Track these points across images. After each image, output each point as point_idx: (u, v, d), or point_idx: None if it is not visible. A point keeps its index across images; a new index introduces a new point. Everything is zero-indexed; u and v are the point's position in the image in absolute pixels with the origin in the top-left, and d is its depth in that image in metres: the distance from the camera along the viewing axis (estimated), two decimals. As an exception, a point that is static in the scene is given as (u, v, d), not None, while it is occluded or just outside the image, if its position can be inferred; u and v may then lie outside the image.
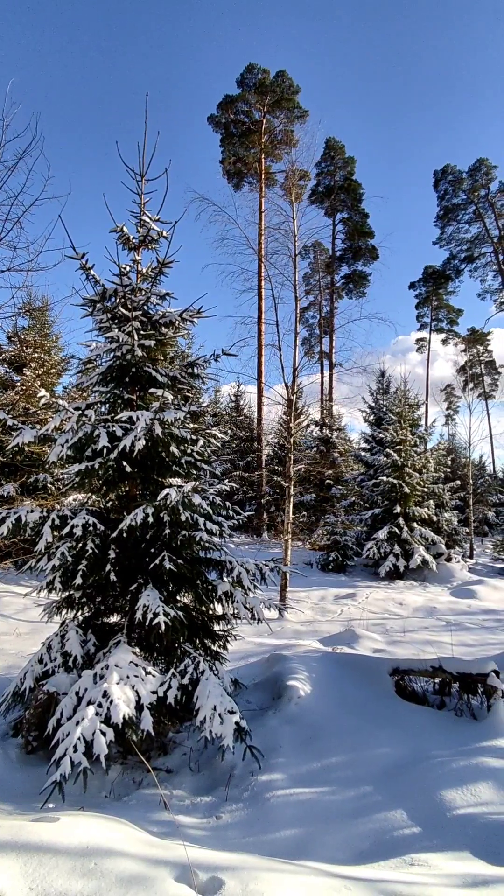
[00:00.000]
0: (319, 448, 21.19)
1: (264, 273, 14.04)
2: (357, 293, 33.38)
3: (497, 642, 8.86)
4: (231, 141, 26.02)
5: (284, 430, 13.80)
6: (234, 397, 26.43)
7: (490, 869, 2.72)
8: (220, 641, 5.03)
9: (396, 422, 17.31)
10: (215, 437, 5.09)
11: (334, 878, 2.33)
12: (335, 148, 31.63)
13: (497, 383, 42.61)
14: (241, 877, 2.20)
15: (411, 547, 15.34)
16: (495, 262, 34.37)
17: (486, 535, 26.23)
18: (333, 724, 4.52)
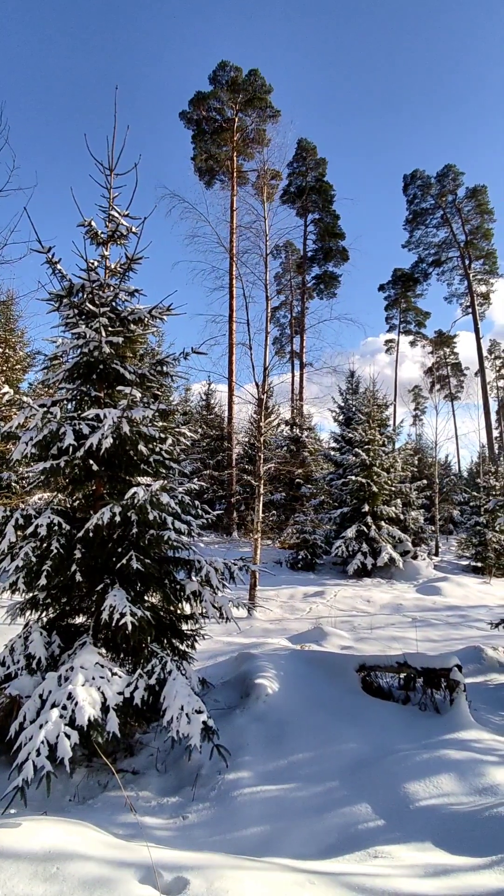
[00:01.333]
0: (290, 447, 21.31)
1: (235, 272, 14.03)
2: (328, 294, 33.70)
3: (461, 638, 9.10)
4: (203, 138, 25.87)
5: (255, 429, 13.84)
6: (205, 396, 26.33)
7: (451, 858, 2.79)
8: (189, 641, 5.01)
9: (365, 422, 17.55)
10: (185, 435, 5.06)
11: (299, 873, 2.35)
12: (307, 149, 31.83)
13: (462, 385, 43.71)
14: (206, 875, 2.20)
15: (379, 545, 15.59)
16: (461, 266, 35.22)
17: (451, 533, 26.86)
18: (301, 721, 4.56)
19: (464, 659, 6.64)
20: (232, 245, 15.39)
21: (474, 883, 2.38)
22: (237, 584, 5.26)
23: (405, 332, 41.30)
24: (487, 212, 33.84)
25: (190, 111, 25.98)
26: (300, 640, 8.08)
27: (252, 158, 25.70)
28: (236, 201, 20.23)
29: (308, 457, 20.88)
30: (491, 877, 2.50)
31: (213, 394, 26.37)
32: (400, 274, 39.34)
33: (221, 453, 22.18)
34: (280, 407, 22.81)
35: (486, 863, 2.64)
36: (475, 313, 34.11)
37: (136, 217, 5.37)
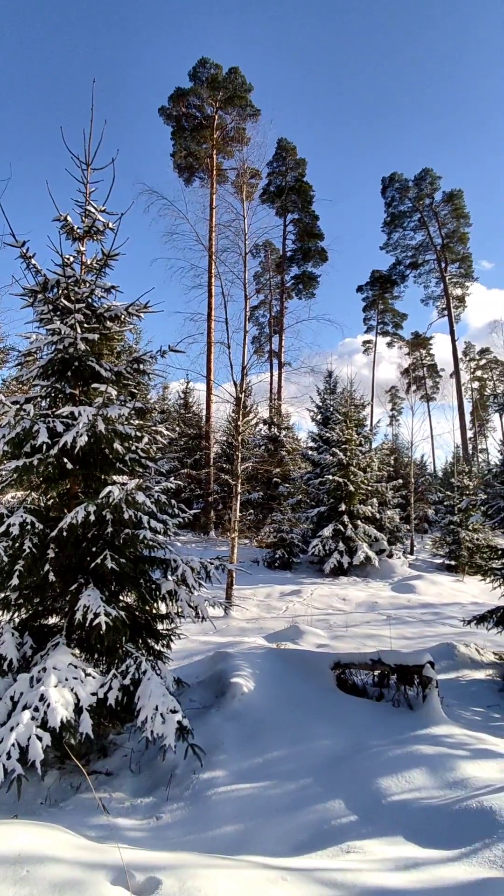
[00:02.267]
0: (268, 446, 21.35)
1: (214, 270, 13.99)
2: (306, 294, 33.86)
3: (434, 635, 9.24)
4: (182, 135, 25.71)
5: (233, 427, 13.84)
6: (183, 394, 26.19)
7: (421, 851, 2.84)
8: (164, 641, 4.99)
9: (342, 422, 17.69)
10: (161, 433, 5.03)
11: (271, 870, 2.36)
12: (287, 149, 31.91)
13: (438, 386, 44.37)
14: (179, 875, 2.19)
15: (355, 544, 15.73)
16: (438, 269, 35.76)
17: (425, 532, 27.26)
18: (276, 719, 4.58)
19: (437, 656, 6.76)
20: (211, 243, 15.35)
21: (444, 875, 2.43)
22: (214, 583, 5.26)
23: (382, 334, 41.77)
24: (463, 216, 34.43)
25: (169, 107, 25.79)
26: (276, 639, 8.11)
27: (232, 157, 25.67)
28: (215, 199, 20.18)
29: (286, 456, 20.96)
30: (460, 869, 2.55)
31: (191, 392, 26.25)
32: (378, 276, 39.75)
33: (199, 452, 22.11)
34: (258, 406, 22.88)
35: (456, 855, 2.69)
36: (451, 316, 34.68)
37: (113, 213, 5.31)
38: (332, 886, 2.21)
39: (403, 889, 2.22)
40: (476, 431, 47.60)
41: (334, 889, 2.19)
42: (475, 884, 2.34)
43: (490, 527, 15.67)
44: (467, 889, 2.25)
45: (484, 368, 45.05)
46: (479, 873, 2.46)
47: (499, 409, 16.95)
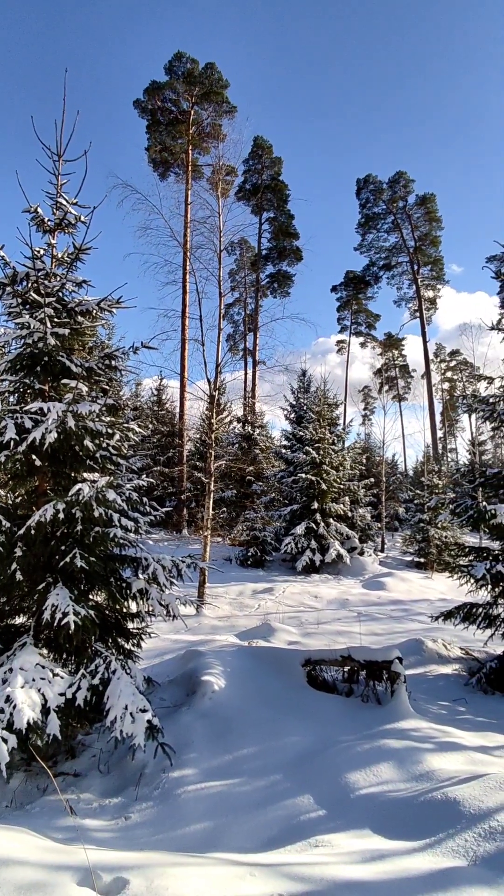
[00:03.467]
0: (241, 445, 21.36)
1: (189, 267, 13.90)
2: (281, 293, 33.97)
3: (403, 631, 9.42)
4: (158, 129, 25.44)
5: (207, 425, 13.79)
6: (157, 391, 25.98)
7: (387, 843, 2.89)
8: (135, 639, 4.95)
9: (316, 420, 17.82)
10: (133, 431, 4.98)
11: (240, 867, 2.37)
12: (263, 147, 31.91)
13: (410, 386, 45.13)
14: (146, 874, 2.18)
15: (327, 542, 15.88)
16: (410, 271, 36.34)
17: (396, 530, 27.70)
18: (246, 716, 4.59)
19: (405, 651, 6.88)
20: (186, 239, 15.26)
21: (408, 866, 2.48)
22: (186, 582, 5.23)
23: (356, 334, 42.25)
24: (436, 220, 35.05)
25: (144, 100, 25.48)
26: (248, 637, 8.13)
27: (207, 153, 25.52)
28: (191, 195, 20.03)
29: (259, 454, 21.00)
30: (424, 859, 2.60)
31: (164, 389, 26.04)
32: (352, 276, 40.16)
33: (172, 450, 21.97)
34: (232, 404, 22.84)
35: (420, 846, 2.75)
36: (422, 318, 35.29)
37: (85, 206, 5.22)
38: (299, 880, 2.23)
39: (369, 881, 2.26)
40: (446, 431, 48.56)
41: (301, 883, 2.21)
42: (439, 873, 2.39)
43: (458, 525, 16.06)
44: (431, 878, 2.30)
45: (454, 370, 45.96)
46: (443, 863, 2.52)
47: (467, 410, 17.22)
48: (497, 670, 6.19)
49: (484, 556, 6.41)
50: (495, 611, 6.46)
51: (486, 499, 6.87)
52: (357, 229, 37.53)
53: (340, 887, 2.16)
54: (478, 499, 6.68)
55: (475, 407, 7.09)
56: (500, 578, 5.75)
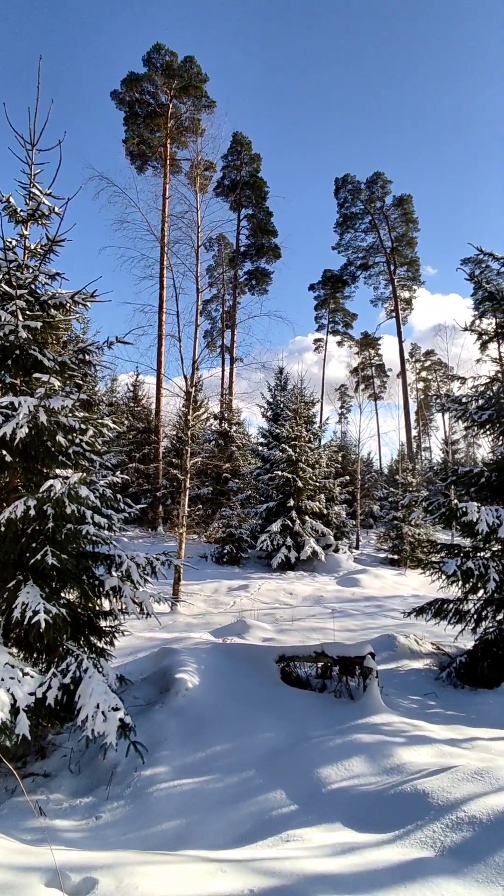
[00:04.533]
0: (218, 442, 21.33)
1: (166, 262, 13.78)
2: (259, 290, 33.98)
3: (376, 627, 9.54)
4: (135, 121, 25.13)
5: (183, 422, 13.72)
6: (132, 387, 25.72)
7: (357, 836, 2.92)
8: (107, 638, 4.90)
9: (292, 418, 17.89)
10: (107, 426, 4.92)
11: (211, 863, 2.37)
12: (242, 143, 31.83)
13: (385, 386, 45.70)
14: (116, 873, 2.17)
15: (303, 539, 15.98)
16: (387, 271, 36.76)
17: (371, 528, 28.04)
18: (220, 713, 4.59)
19: (378, 647, 6.97)
20: (163, 234, 15.11)
21: (377, 858, 2.51)
22: (160, 579, 5.20)
23: (333, 333, 42.55)
24: (412, 221, 35.50)
25: (122, 92, 25.14)
26: (223, 634, 8.14)
27: (186, 147, 25.32)
28: (168, 189, 19.86)
29: (236, 451, 21.00)
30: (393, 851, 2.64)
31: (140, 385, 25.78)
32: (330, 275, 40.41)
33: (148, 446, 21.78)
34: (209, 401, 22.77)
35: (390, 838, 2.79)
36: (398, 318, 35.74)
37: (59, 197, 5.13)
38: (270, 875, 2.24)
39: (338, 873, 2.28)
40: (420, 430, 49.36)
41: (272, 877, 2.22)
42: (407, 864, 2.43)
43: (431, 522, 16.31)
44: (399, 870, 2.34)
45: (429, 370, 46.71)
46: (411, 854, 2.57)
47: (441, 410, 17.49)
48: (467, 665, 6.32)
49: (455, 552, 6.52)
50: (465, 606, 6.59)
51: (457, 497, 6.99)
52: (335, 228, 37.82)
53: (310, 881, 2.17)
54: (450, 497, 6.79)
55: (448, 406, 7.21)
56: (470, 575, 5.86)
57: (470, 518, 5.80)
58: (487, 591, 5.95)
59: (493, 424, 6.50)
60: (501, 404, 6.37)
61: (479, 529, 5.80)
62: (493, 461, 7.54)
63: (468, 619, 6.58)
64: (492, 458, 8.71)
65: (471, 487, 7.00)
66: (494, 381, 7.18)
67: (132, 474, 19.96)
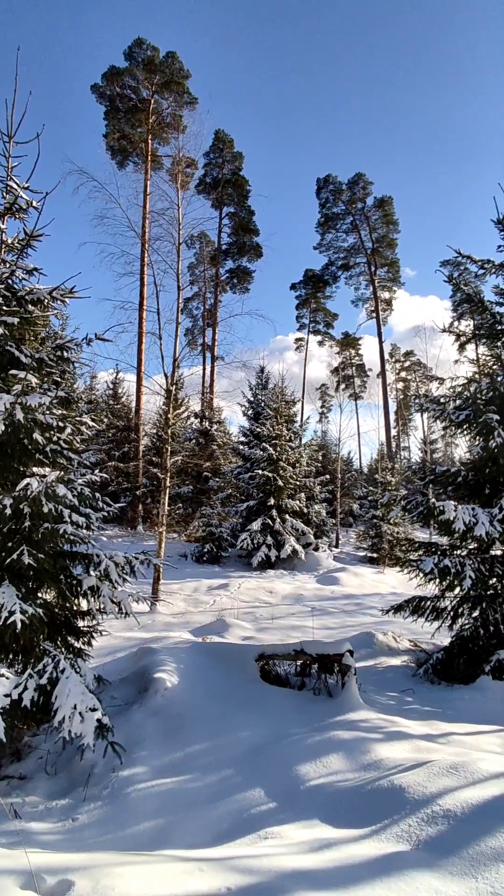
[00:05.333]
0: (199, 440, 21.26)
1: (147, 259, 13.67)
2: (241, 288, 33.99)
3: (355, 624, 9.62)
4: (116, 116, 24.88)
5: (163, 420, 13.64)
6: (112, 385, 25.49)
7: (335, 832, 2.95)
8: (85, 638, 4.85)
9: (273, 417, 17.93)
10: (86, 424, 4.86)
11: (188, 862, 2.37)
12: (224, 141, 31.75)
13: (365, 385, 46.13)
14: (92, 874, 2.15)
15: (283, 537, 16.03)
16: (368, 272, 37.05)
17: (350, 526, 28.28)
18: (199, 712, 4.58)
19: (356, 644, 7.04)
20: (144, 230, 14.97)
21: (354, 853, 2.54)
22: (139, 579, 5.17)
23: (314, 332, 42.78)
24: (392, 222, 35.83)
25: (103, 86, 24.86)
26: (202, 633, 8.12)
27: (167, 143, 25.15)
28: (150, 186, 19.75)
29: (217, 450, 20.96)
30: (370, 846, 2.67)
31: (120, 383, 25.59)
32: (311, 275, 40.58)
33: (128, 444, 21.61)
34: (190, 399, 22.68)
35: (366, 833, 2.82)
36: (378, 318, 36.06)
37: (37, 191, 5.04)
38: (247, 873, 2.25)
39: (315, 869, 2.30)
40: (400, 430, 49.86)
41: (250, 875, 2.22)
42: (383, 858, 2.46)
43: (409, 521, 16.50)
44: (375, 864, 2.37)
45: (408, 370, 47.18)
46: (387, 848, 2.60)
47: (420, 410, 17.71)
48: (443, 661, 6.41)
49: (432, 551, 6.61)
50: (442, 604, 6.69)
51: (435, 496, 7.08)
52: (317, 228, 37.97)
53: (287, 877, 2.19)
54: (428, 496, 6.88)
55: (427, 407, 7.30)
56: (446, 573, 5.94)
57: (447, 517, 5.88)
58: (463, 589, 6.04)
59: (470, 425, 6.60)
60: (478, 405, 6.47)
61: (456, 528, 5.89)
62: (469, 461, 7.66)
63: (445, 616, 6.68)
64: (469, 457, 8.85)
65: (448, 486, 7.11)
66: (472, 381, 7.30)
67: (112, 473, 19.80)
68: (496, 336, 7.04)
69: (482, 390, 6.80)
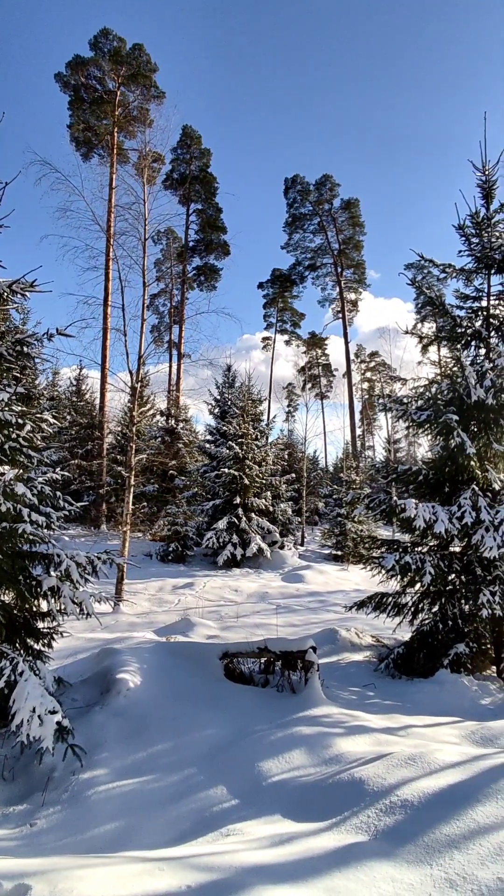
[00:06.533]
0: (164, 438, 21.06)
1: (112, 253, 13.43)
2: (208, 286, 33.82)
3: (319, 621, 9.73)
4: (81, 106, 24.36)
5: (128, 418, 13.46)
6: (76, 381, 24.99)
7: (296, 826, 2.98)
8: (45, 639, 4.75)
9: (240, 416, 17.94)
10: (47, 421, 4.77)
11: (149, 863, 2.35)
12: (192, 137, 31.50)
13: (331, 385, 46.63)
14: (50, 878, 2.11)
15: (249, 536, 16.06)
16: (334, 273, 37.47)
17: (316, 524, 28.58)
18: (162, 712, 4.55)
19: (320, 641, 7.12)
20: (109, 225, 14.72)
21: (314, 846, 2.57)
22: (102, 579, 5.09)
23: (281, 332, 42.99)
24: (359, 224, 36.33)
25: (67, 75, 24.29)
26: (167, 633, 8.07)
27: (134, 137, 24.78)
28: (115, 179, 19.41)
29: (183, 448, 20.81)
30: (330, 838, 2.72)
31: (84, 380, 25.12)
32: (278, 274, 40.75)
33: (92, 442, 21.23)
34: (156, 397, 22.44)
35: (327, 825, 2.86)
36: (345, 319, 36.53)
37: (-4, 181, 4.90)
38: (207, 870, 2.25)
39: (274, 863, 2.32)
40: (365, 429, 50.69)
41: (210, 872, 2.23)
42: (342, 849, 2.50)
43: (372, 518, 16.80)
44: (334, 855, 2.41)
45: (373, 370, 47.95)
46: (346, 839, 2.64)
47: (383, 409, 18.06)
48: (404, 655, 6.56)
49: (394, 548, 6.75)
50: (403, 599, 6.85)
51: (398, 494, 7.24)
52: (284, 228, 38.14)
53: (247, 872, 2.20)
54: (391, 494, 7.02)
55: (390, 407, 7.44)
56: (407, 569, 6.08)
57: (408, 514, 6.02)
58: (424, 585, 6.20)
59: (431, 425, 6.77)
60: (439, 406, 6.64)
61: (417, 525, 6.04)
62: (431, 460, 7.85)
63: (406, 611, 6.84)
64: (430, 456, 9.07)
65: (410, 485, 7.27)
66: (433, 383, 7.48)
67: (74, 471, 19.41)
68: (457, 339, 7.23)
69: (443, 391, 6.98)
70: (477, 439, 6.57)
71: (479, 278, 7.21)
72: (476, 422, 6.61)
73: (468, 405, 6.47)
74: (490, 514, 5.96)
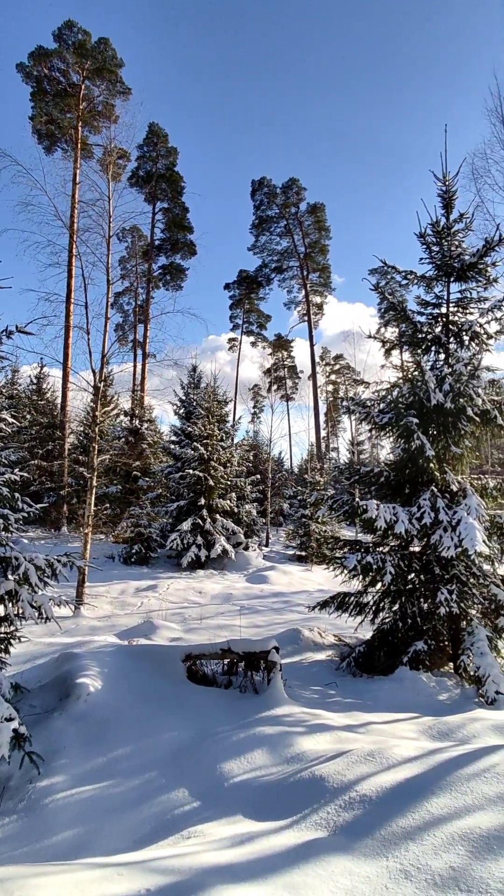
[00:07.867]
0: (128, 439, 20.77)
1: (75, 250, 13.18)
2: (174, 286, 33.64)
3: (283, 621, 9.80)
4: (44, 98, 23.82)
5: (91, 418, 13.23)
6: (36, 380, 24.37)
7: (257, 825, 3.00)
8: (2, 645, 4.61)
9: (205, 416, 17.88)
10: (5, 421, 4.64)
11: (107, 868, 2.33)
12: (159, 135, 31.27)
13: (297, 387, 47.09)
14: (6, 887, 2.06)
15: (213, 537, 16.01)
16: (300, 276, 37.85)
17: (280, 525, 28.73)
18: (124, 716, 4.50)
19: (283, 641, 7.18)
20: (73, 220, 14.42)
21: (274, 844, 2.60)
22: (63, 582, 4.99)
23: (247, 333, 43.11)
24: (324, 229, 36.84)
25: (29, 65, 23.72)
26: (129, 636, 7.97)
27: (99, 132, 24.43)
28: (79, 175, 19.03)
29: (147, 449, 20.58)
30: (290, 835, 2.75)
31: (45, 378, 24.51)
32: (245, 275, 40.86)
33: (53, 442, 20.75)
34: (120, 397, 22.09)
35: (287, 824, 2.89)
36: (310, 321, 36.94)
37: (-46, 171, 4.75)
38: (167, 873, 2.24)
39: (234, 863, 2.33)
40: (329, 431, 51.34)
41: (170, 875, 2.22)
42: (302, 846, 2.54)
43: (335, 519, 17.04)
44: (294, 852, 2.44)
45: (338, 373, 48.65)
46: (305, 836, 2.68)
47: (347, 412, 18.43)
48: (365, 654, 6.68)
49: (357, 548, 6.86)
50: (365, 599, 6.97)
51: (361, 495, 7.36)
52: (251, 230, 38.31)
53: (207, 873, 2.20)
54: (354, 495, 7.14)
55: (354, 409, 7.57)
56: (369, 569, 6.20)
57: (370, 515, 6.13)
58: (385, 584, 6.33)
59: (392, 427, 6.92)
60: (400, 409, 6.80)
61: (379, 526, 6.16)
62: (392, 462, 8.03)
63: (367, 610, 6.96)
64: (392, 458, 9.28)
65: (372, 486, 7.41)
66: (395, 386, 7.65)
67: (34, 472, 18.94)
68: (418, 344, 7.42)
69: (404, 395, 7.15)
70: (436, 442, 6.75)
71: (439, 285, 7.42)
72: (435, 425, 6.79)
73: (428, 409, 6.65)
74: (448, 515, 6.14)
